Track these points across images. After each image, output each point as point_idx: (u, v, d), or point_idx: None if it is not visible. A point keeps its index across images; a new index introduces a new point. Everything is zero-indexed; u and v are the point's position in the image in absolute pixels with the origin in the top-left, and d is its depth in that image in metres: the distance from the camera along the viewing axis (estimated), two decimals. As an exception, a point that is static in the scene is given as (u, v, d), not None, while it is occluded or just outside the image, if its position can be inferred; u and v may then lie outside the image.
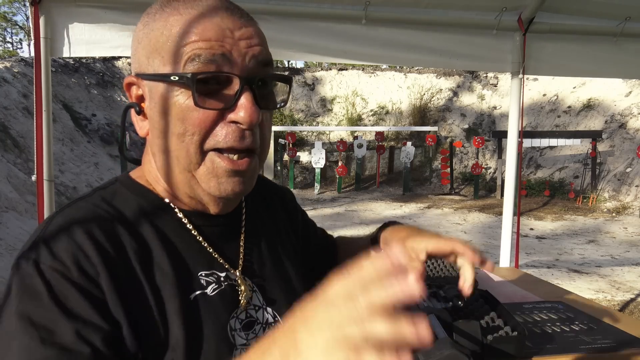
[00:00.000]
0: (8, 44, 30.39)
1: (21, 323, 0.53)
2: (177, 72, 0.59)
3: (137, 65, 0.64)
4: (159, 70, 0.61)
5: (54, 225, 0.60)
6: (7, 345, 0.52)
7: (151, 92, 0.63)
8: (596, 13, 2.33)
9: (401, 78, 15.28)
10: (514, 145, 2.53)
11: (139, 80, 0.64)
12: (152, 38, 0.62)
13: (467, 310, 1.33)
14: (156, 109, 0.62)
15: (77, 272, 0.56)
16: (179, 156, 0.62)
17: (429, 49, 2.35)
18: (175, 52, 0.60)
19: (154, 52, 0.61)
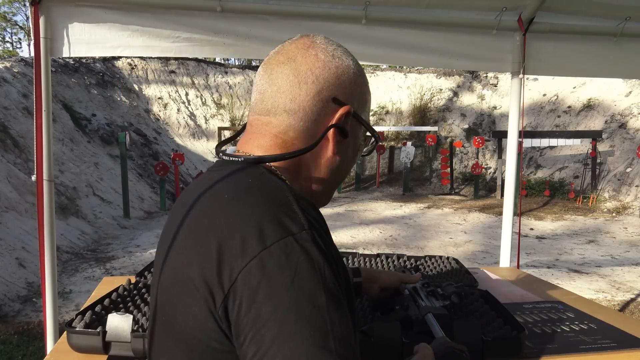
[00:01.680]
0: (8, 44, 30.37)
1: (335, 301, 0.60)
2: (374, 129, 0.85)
3: (352, 102, 0.80)
4: (365, 119, 0.83)
5: (303, 203, 0.68)
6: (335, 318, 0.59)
7: (354, 129, 0.82)
8: (596, 13, 2.33)
9: (401, 78, 15.28)
10: (514, 145, 2.53)
11: (350, 114, 0.79)
12: (364, 91, 0.83)
13: (465, 310, 1.33)
14: (352, 141, 0.83)
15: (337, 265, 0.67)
16: (347, 173, 0.87)
17: (429, 49, 2.35)
18: (369, 113, 0.87)
19: (363, 104, 0.83)
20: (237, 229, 0.62)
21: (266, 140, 0.78)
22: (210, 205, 0.70)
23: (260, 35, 2.15)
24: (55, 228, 2.10)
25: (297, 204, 0.65)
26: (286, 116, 0.77)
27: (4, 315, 4.18)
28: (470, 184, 11.93)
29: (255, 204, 0.65)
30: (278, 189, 0.68)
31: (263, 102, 0.79)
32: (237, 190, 0.69)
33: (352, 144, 0.83)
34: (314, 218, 0.67)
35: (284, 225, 0.62)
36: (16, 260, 5.25)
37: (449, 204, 10.39)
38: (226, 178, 0.73)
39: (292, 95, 0.76)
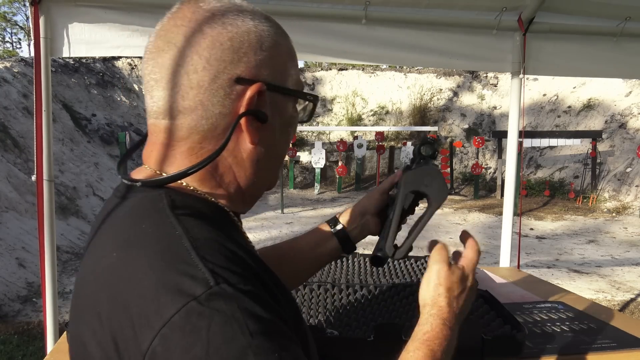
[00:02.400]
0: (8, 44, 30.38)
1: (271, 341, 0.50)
2: (305, 91, 0.70)
3: (264, 74, 0.63)
4: (286, 86, 0.67)
5: (203, 247, 0.54)
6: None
7: (277, 104, 0.66)
8: (596, 13, 2.32)
9: (401, 78, 15.28)
10: (514, 145, 2.53)
11: (264, 90, 0.63)
12: (279, 52, 0.66)
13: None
14: (278, 119, 0.67)
15: (263, 290, 0.55)
16: (282, 159, 0.73)
17: (429, 49, 2.35)
18: (297, 75, 0.70)
19: (283, 68, 0.66)
20: (132, 304, 0.50)
21: (169, 150, 0.64)
22: (102, 266, 0.56)
23: (260, 35, 2.14)
24: (55, 228, 2.10)
25: (196, 253, 0.52)
26: (183, 117, 0.62)
27: (4, 315, 4.18)
28: (470, 184, 11.93)
29: (147, 267, 0.52)
30: (172, 238, 0.54)
31: (154, 103, 0.64)
32: (126, 246, 0.55)
33: (280, 122, 0.68)
34: (224, 262, 0.53)
35: (183, 288, 0.49)
36: (16, 260, 5.25)
37: (449, 204, 10.39)
38: (120, 222, 0.60)
39: (183, 91, 0.61)
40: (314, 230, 1.01)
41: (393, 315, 1.29)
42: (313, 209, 9.94)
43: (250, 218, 8.73)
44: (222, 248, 0.55)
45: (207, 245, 0.54)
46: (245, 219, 0.75)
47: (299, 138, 13.45)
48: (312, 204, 10.64)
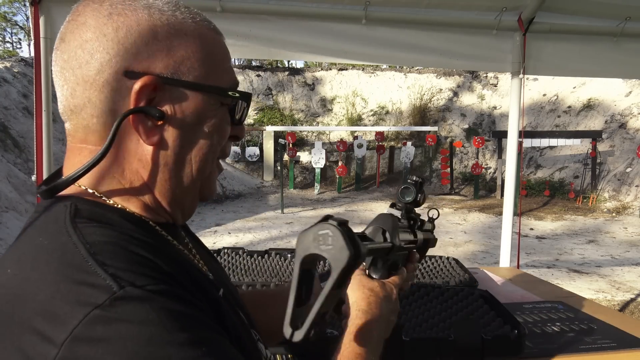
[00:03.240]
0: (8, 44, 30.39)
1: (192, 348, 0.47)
2: (232, 89, 0.64)
3: (159, 65, 0.58)
4: (188, 78, 0.60)
5: (102, 252, 0.50)
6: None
7: (183, 101, 0.59)
8: (596, 13, 2.33)
9: (401, 78, 15.28)
10: (514, 145, 2.53)
11: (161, 85, 0.58)
12: (182, 43, 0.59)
13: (465, 309, 1.33)
14: (190, 119, 0.60)
15: (180, 288, 0.51)
16: (202, 164, 0.63)
17: (429, 49, 2.35)
18: (222, 71, 0.63)
19: (190, 60, 0.60)
20: (27, 321, 0.46)
21: (75, 155, 0.60)
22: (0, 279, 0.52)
23: (260, 35, 2.15)
24: (55, 228, 2.10)
25: (94, 260, 0.48)
26: (76, 117, 0.58)
27: (4, 315, 4.18)
28: (470, 184, 11.93)
29: (41, 280, 0.47)
30: (66, 248, 0.50)
31: (58, 103, 0.60)
32: (21, 261, 0.52)
33: (190, 121, 0.60)
34: (129, 265, 0.49)
35: (82, 298, 0.45)
36: (16, 260, 5.25)
37: (449, 204, 10.39)
38: (22, 237, 0.56)
39: (71, 88, 0.57)
40: None
41: (393, 315, 1.29)
42: (313, 209, 9.94)
43: (250, 218, 8.73)
44: (124, 251, 0.51)
45: (106, 249, 0.50)
46: (245, 219, 0.74)
47: (299, 138, 13.45)
48: (312, 204, 10.64)
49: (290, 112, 14.81)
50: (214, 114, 0.62)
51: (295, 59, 2.73)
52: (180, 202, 0.64)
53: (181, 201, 0.64)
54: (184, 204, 0.65)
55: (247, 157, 12.67)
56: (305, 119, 14.80)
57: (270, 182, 12.66)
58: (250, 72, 15.23)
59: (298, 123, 14.41)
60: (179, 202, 0.64)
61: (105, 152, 0.56)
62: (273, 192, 11.80)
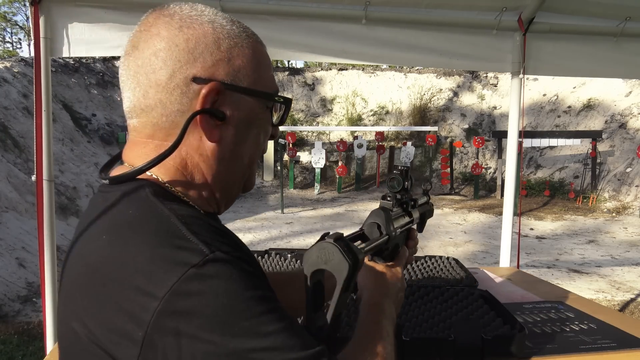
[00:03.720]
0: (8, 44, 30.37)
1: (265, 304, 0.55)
2: (276, 94, 0.72)
3: (221, 73, 0.65)
4: (248, 86, 0.68)
5: (193, 223, 0.59)
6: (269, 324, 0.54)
7: (240, 104, 0.68)
8: (596, 13, 2.33)
9: (401, 78, 15.28)
10: (514, 145, 2.53)
11: (222, 90, 0.65)
12: (239, 53, 0.68)
13: (465, 309, 1.33)
14: (244, 120, 0.69)
15: (249, 257, 0.61)
16: (252, 159, 0.73)
17: (429, 49, 2.35)
18: (268, 78, 0.72)
19: (246, 68, 0.68)
20: (127, 279, 0.54)
21: (140, 148, 0.68)
22: (90, 249, 0.60)
23: (260, 35, 2.14)
24: (55, 228, 2.10)
25: (187, 228, 0.56)
26: (146, 116, 0.66)
27: (4, 315, 4.18)
28: (470, 184, 11.92)
29: (140, 244, 0.56)
30: (161, 217, 0.58)
31: (125, 102, 0.68)
32: (116, 229, 0.59)
33: (244, 122, 0.69)
34: (212, 235, 0.58)
35: (180, 259, 0.53)
36: (16, 260, 5.25)
37: (449, 204, 10.39)
38: (106, 210, 0.63)
39: (143, 90, 0.65)
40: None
41: (393, 315, 1.29)
42: (313, 209, 9.94)
43: (250, 218, 8.73)
44: (208, 225, 0.60)
45: (196, 222, 0.59)
46: (245, 219, 0.75)
47: (299, 138, 13.45)
48: (312, 204, 10.64)
49: (290, 112, 14.76)
50: (262, 115, 0.71)
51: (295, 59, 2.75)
52: (229, 192, 0.73)
53: (230, 192, 0.73)
54: (231, 194, 0.74)
55: (247, 157, 12.65)
56: (305, 119, 14.80)
57: (270, 182, 12.66)
58: (250, 72, 15.19)
59: (298, 123, 14.41)
60: (228, 193, 0.73)
61: (176, 146, 0.63)
62: (273, 192, 11.80)
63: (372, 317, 0.76)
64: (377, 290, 0.81)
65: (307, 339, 0.56)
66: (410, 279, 1.68)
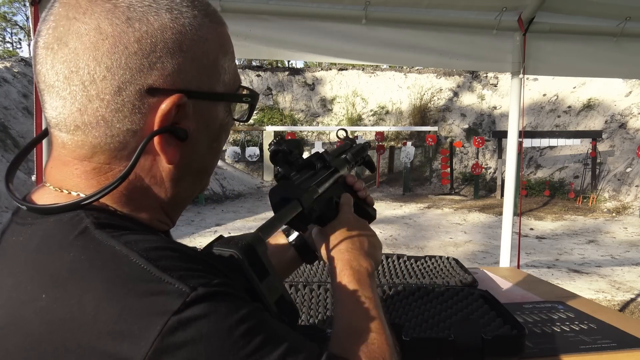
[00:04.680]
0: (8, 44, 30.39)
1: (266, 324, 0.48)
2: (233, 92, 0.59)
3: (184, 80, 0.52)
4: (215, 89, 0.56)
5: (159, 257, 0.47)
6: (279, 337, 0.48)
7: (202, 112, 0.55)
8: (596, 13, 2.33)
9: (401, 78, 15.28)
10: (514, 145, 2.53)
11: (186, 101, 0.52)
12: (206, 50, 0.54)
13: (465, 309, 1.33)
14: (209, 131, 0.57)
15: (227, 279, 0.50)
16: (209, 168, 0.62)
17: (429, 49, 2.35)
18: (231, 71, 0.59)
19: (212, 68, 0.55)
20: (91, 346, 0.42)
21: (73, 169, 0.53)
22: (24, 315, 0.45)
23: (260, 35, 2.15)
24: (55, 228, 2.10)
25: (155, 266, 0.45)
26: (83, 134, 0.51)
27: (4, 315, 4.18)
28: (470, 184, 11.93)
29: (98, 298, 0.43)
30: (119, 258, 0.46)
31: (48, 110, 0.52)
32: (58, 282, 0.45)
33: (208, 133, 0.57)
34: (184, 265, 0.47)
35: (156, 308, 0.43)
36: (16, 260, 5.25)
37: (449, 204, 10.39)
38: (34, 256, 0.49)
39: (79, 104, 0.50)
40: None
41: (393, 316, 1.29)
42: (313, 209, 9.92)
43: (250, 218, 8.73)
44: (176, 253, 0.48)
45: (162, 255, 0.47)
46: (245, 219, 0.74)
47: (299, 138, 13.45)
48: (312, 204, 10.63)
49: (290, 112, 14.81)
50: (228, 119, 0.60)
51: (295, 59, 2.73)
52: (182, 207, 0.62)
53: (183, 206, 0.62)
54: (184, 207, 0.63)
55: (247, 157, 12.67)
56: (305, 119, 14.80)
57: (270, 182, 12.65)
58: (250, 72, 15.23)
59: (298, 123, 14.42)
60: (181, 208, 0.62)
61: (125, 177, 0.51)
62: (273, 192, 11.79)
63: (345, 285, 0.68)
64: (340, 250, 0.73)
65: (307, 346, 0.50)
66: (410, 279, 1.68)
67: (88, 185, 0.53)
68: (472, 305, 1.36)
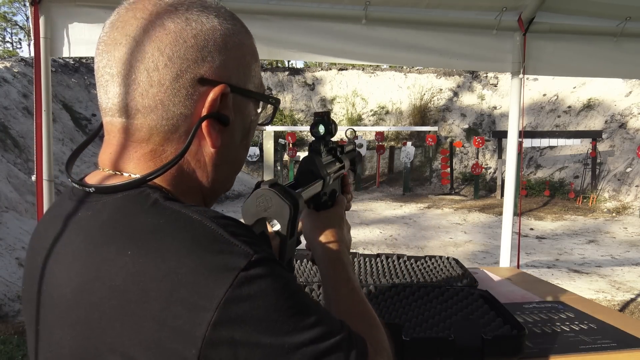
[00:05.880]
0: (8, 44, 30.38)
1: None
2: (266, 94, 0.69)
3: (228, 75, 0.61)
4: (249, 87, 0.65)
5: (226, 224, 0.54)
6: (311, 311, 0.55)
7: (239, 106, 0.64)
8: (596, 13, 2.33)
9: (401, 78, 15.28)
10: (514, 145, 2.53)
11: (229, 92, 0.61)
12: (243, 53, 0.64)
13: (465, 310, 1.33)
14: (243, 124, 0.66)
15: None
16: (241, 161, 0.70)
17: (429, 49, 2.35)
18: (259, 77, 0.68)
19: (247, 69, 0.64)
20: (171, 294, 0.49)
21: (130, 152, 0.60)
22: (110, 270, 0.52)
23: (260, 35, 2.15)
24: (55, 228, 2.10)
25: (224, 230, 0.52)
26: (142, 117, 0.58)
27: (4, 315, 4.18)
28: (470, 184, 11.93)
29: (178, 255, 0.50)
30: (193, 222, 0.53)
31: (109, 99, 0.59)
32: (141, 242, 0.52)
33: (242, 125, 0.66)
34: (248, 233, 0.55)
35: (227, 265, 0.50)
36: (16, 260, 5.25)
37: (449, 204, 10.39)
38: (110, 223, 0.55)
39: (141, 89, 0.57)
40: None
41: (393, 316, 1.29)
42: (313, 209, 9.92)
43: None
44: (237, 222, 0.56)
45: (228, 221, 0.55)
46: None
47: (299, 138, 13.45)
48: (312, 204, 10.63)
49: (290, 112, 14.82)
50: (256, 117, 0.68)
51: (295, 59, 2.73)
52: (216, 197, 0.69)
53: (217, 196, 0.69)
54: (217, 198, 0.69)
55: (247, 157, 12.66)
56: (305, 119, 14.80)
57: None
58: (250, 72, 15.21)
59: (298, 123, 14.42)
60: (216, 197, 0.69)
61: (183, 154, 0.58)
62: (273, 192, 11.78)
63: (339, 274, 0.77)
64: (332, 241, 0.81)
65: (332, 317, 0.58)
66: (410, 279, 1.68)
67: (145, 167, 0.60)
68: (472, 305, 1.35)
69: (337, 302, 0.73)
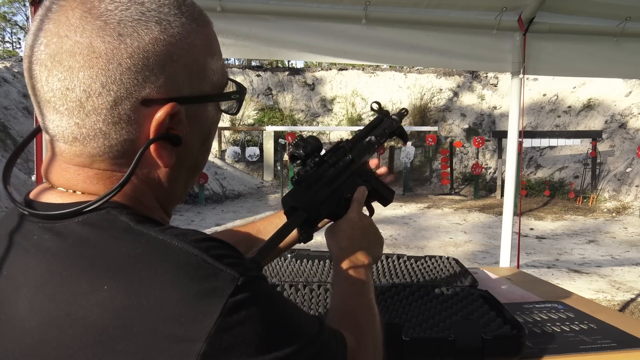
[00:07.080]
0: (8, 44, 30.38)
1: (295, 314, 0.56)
2: (223, 90, 0.61)
3: (177, 88, 0.54)
4: (205, 90, 0.58)
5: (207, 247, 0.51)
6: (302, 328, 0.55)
7: (195, 115, 0.58)
8: (596, 13, 2.33)
9: (401, 78, 15.28)
10: (514, 145, 2.53)
11: (179, 108, 0.54)
12: (195, 57, 0.56)
13: (465, 309, 1.33)
14: (201, 132, 0.61)
15: None
16: (201, 164, 0.66)
17: (429, 49, 2.35)
18: (220, 70, 0.60)
19: (201, 72, 0.57)
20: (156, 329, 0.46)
21: (74, 174, 0.55)
22: (83, 305, 0.47)
23: (260, 35, 2.15)
24: (55, 228, 2.10)
25: (207, 255, 0.49)
26: (81, 145, 0.53)
27: None
28: (470, 184, 11.93)
29: (162, 286, 0.47)
30: (171, 248, 0.49)
31: (47, 122, 0.54)
32: (118, 274, 0.48)
33: (200, 133, 0.60)
34: (228, 253, 0.51)
35: (215, 292, 0.47)
36: (16, 260, 5.25)
37: (449, 204, 10.39)
38: (80, 248, 0.50)
39: (76, 119, 0.51)
40: (271, 217, 1.01)
41: (393, 316, 1.29)
42: (313, 209, 9.91)
43: (250, 218, 8.73)
44: (217, 242, 0.52)
45: (210, 243, 0.51)
46: (245, 219, 0.75)
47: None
48: (312, 204, 10.62)
49: (291, 112, 14.81)
50: (217, 116, 0.63)
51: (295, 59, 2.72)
52: (177, 201, 0.65)
53: (178, 200, 0.65)
54: (179, 202, 0.66)
55: (247, 157, 12.67)
56: (305, 119, 14.80)
57: (270, 182, 12.66)
58: (250, 72, 15.23)
59: (298, 123, 14.41)
60: (177, 202, 0.65)
61: (126, 182, 0.53)
62: (273, 192, 11.79)
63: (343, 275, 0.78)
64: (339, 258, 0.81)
65: (310, 316, 0.59)
66: (410, 279, 1.68)
67: (96, 189, 0.55)
68: (472, 305, 1.36)
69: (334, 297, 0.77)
